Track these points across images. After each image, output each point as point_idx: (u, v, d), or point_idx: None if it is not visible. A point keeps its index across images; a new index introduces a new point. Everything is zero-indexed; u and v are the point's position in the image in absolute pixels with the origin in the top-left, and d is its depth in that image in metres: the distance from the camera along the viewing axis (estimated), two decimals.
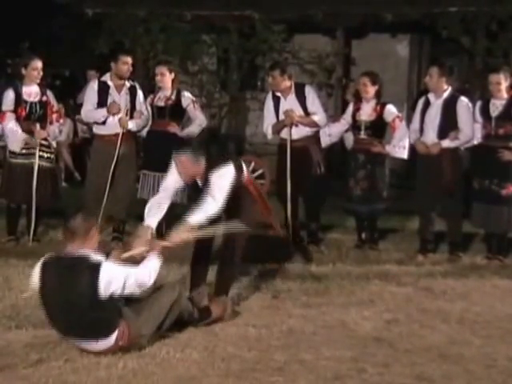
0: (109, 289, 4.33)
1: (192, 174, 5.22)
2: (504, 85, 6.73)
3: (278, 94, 7.33)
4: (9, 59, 11.30)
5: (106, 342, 4.39)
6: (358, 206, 7.25)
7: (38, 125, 7.05)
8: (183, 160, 5.13)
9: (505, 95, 6.75)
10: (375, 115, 7.16)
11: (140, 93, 7.43)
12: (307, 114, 7.24)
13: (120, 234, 7.30)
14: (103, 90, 7.31)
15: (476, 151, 7.00)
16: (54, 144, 7.25)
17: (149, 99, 7.49)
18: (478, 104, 6.99)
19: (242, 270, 6.30)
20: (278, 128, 7.32)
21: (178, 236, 4.89)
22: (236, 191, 5.17)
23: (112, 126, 7.22)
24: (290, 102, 7.27)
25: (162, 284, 4.80)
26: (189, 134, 7.46)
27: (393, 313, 5.35)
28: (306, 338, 4.80)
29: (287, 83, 7.28)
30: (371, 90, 7.16)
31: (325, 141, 7.38)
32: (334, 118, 9.31)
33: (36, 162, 7.02)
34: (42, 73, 7.09)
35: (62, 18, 12.95)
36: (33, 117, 7.07)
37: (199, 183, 5.28)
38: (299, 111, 7.23)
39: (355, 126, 7.25)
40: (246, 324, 5.00)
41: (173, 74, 7.44)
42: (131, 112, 7.28)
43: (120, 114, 7.17)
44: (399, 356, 4.52)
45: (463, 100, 6.89)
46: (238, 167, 5.27)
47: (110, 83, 7.33)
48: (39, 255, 4.81)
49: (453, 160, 6.85)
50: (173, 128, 7.35)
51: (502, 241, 6.99)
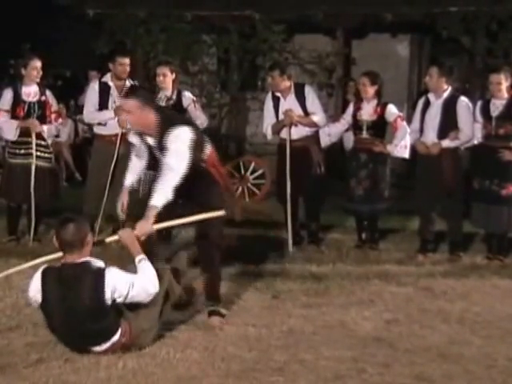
0: (114, 293, 4.32)
1: (142, 125, 4.86)
2: (504, 85, 6.73)
3: (278, 94, 7.34)
4: (11, 60, 11.30)
5: (111, 341, 4.40)
6: (359, 206, 7.25)
7: (31, 119, 7.07)
8: (130, 105, 4.79)
9: (505, 95, 6.75)
10: (376, 115, 7.17)
11: None
12: (307, 114, 7.24)
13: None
14: (104, 90, 7.33)
15: (476, 151, 7.01)
16: (49, 142, 7.24)
17: None
18: (479, 104, 6.99)
19: (242, 270, 6.34)
20: (277, 128, 7.32)
21: (146, 226, 4.61)
22: (196, 168, 4.82)
23: (112, 126, 7.25)
24: (289, 102, 7.28)
25: None
26: None
27: (393, 313, 5.35)
28: (305, 338, 4.80)
29: (287, 83, 7.29)
30: (370, 90, 7.17)
31: (324, 141, 7.39)
32: (334, 117, 9.33)
33: (34, 161, 7.04)
34: (41, 72, 7.10)
35: (63, 19, 12.95)
36: (31, 116, 7.08)
37: (153, 145, 4.91)
38: (299, 111, 7.23)
39: (356, 126, 7.26)
40: (245, 324, 5.00)
41: (174, 75, 7.45)
42: None
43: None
44: (399, 356, 4.52)
45: (463, 100, 6.89)
46: (197, 134, 4.90)
47: (110, 84, 7.36)
48: (40, 255, 4.81)
49: (453, 160, 6.85)
50: None
51: (502, 241, 6.99)
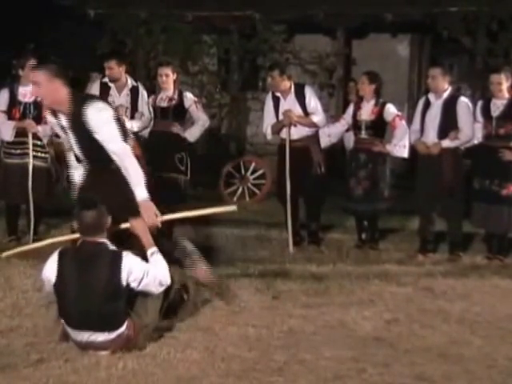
0: (129, 276, 4.40)
1: (52, 100, 4.71)
2: (505, 85, 6.73)
3: (278, 94, 7.35)
4: (14, 60, 11.30)
5: (117, 332, 4.43)
6: (358, 206, 7.25)
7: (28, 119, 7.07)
8: (38, 76, 4.62)
9: (506, 95, 6.75)
10: (375, 115, 7.17)
11: (143, 94, 7.43)
12: (307, 114, 7.25)
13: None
14: (104, 91, 7.34)
15: (477, 151, 7.01)
16: (45, 141, 7.23)
17: (150, 100, 7.50)
18: (479, 104, 6.99)
19: (242, 271, 6.34)
20: (277, 128, 7.33)
21: (152, 216, 4.70)
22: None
23: None
24: (289, 103, 7.29)
25: None
26: (192, 135, 7.46)
27: (393, 313, 5.34)
28: (305, 338, 4.80)
29: (286, 83, 7.30)
30: (368, 88, 7.17)
31: (324, 141, 7.40)
32: (335, 118, 9.33)
33: (31, 161, 7.04)
34: None
35: (64, 19, 12.94)
36: (27, 117, 7.07)
37: (66, 125, 4.77)
38: (299, 111, 7.24)
39: (356, 126, 7.27)
40: (246, 324, 5.00)
41: (175, 75, 7.46)
42: (132, 112, 7.29)
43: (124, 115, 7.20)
44: (399, 356, 4.52)
45: (463, 100, 6.89)
46: (116, 115, 4.79)
47: (110, 84, 7.37)
48: (40, 255, 4.82)
49: (453, 160, 6.85)
50: (176, 128, 7.36)
51: (503, 241, 6.99)
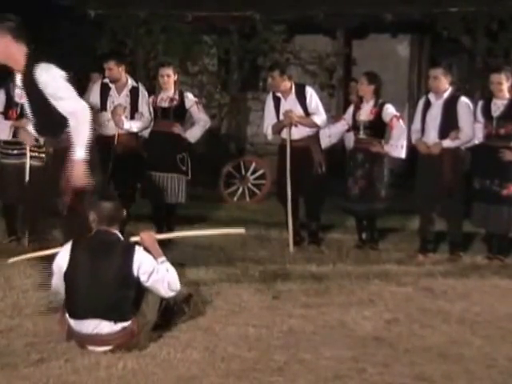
0: (139, 269, 4.46)
1: (3, 56, 4.71)
2: (505, 85, 6.72)
3: (279, 94, 7.35)
4: None
5: (123, 324, 4.45)
6: (355, 206, 7.25)
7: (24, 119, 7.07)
8: None
9: (507, 95, 6.74)
10: (374, 115, 7.17)
11: (143, 94, 7.42)
12: (307, 114, 7.26)
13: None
14: (104, 91, 7.34)
15: (477, 151, 7.01)
16: (42, 141, 7.23)
17: (150, 100, 7.49)
18: (480, 104, 6.99)
19: (242, 271, 6.34)
20: (277, 128, 7.33)
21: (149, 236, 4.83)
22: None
23: (110, 127, 7.24)
24: (290, 103, 7.29)
25: None
26: (193, 136, 7.46)
27: (393, 313, 5.34)
28: (305, 338, 4.80)
29: (287, 84, 7.30)
30: (367, 88, 7.17)
31: (325, 142, 7.40)
32: (335, 118, 9.34)
33: (28, 161, 7.04)
34: None
35: (64, 20, 12.93)
36: (24, 117, 7.06)
37: (21, 86, 4.76)
38: (299, 112, 7.24)
39: (355, 126, 7.27)
40: (246, 324, 5.00)
41: (176, 75, 7.47)
42: (132, 113, 7.29)
43: (123, 115, 7.19)
44: (399, 356, 4.52)
45: (464, 100, 6.89)
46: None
47: (111, 85, 7.37)
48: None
49: (453, 160, 6.85)
50: (177, 129, 7.36)
51: (503, 241, 6.98)
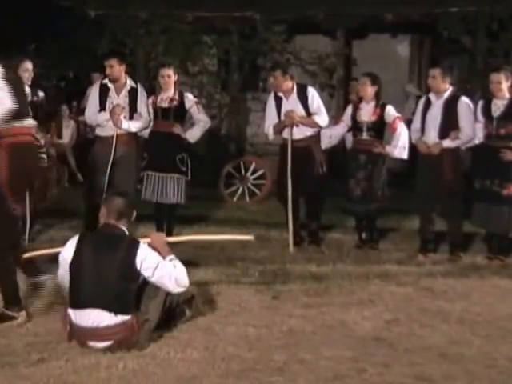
0: (142, 264, 4.52)
1: None
2: (505, 84, 6.72)
3: (280, 94, 7.35)
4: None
5: (123, 318, 4.47)
6: (356, 206, 7.25)
7: None
8: None
9: (507, 95, 6.74)
10: (376, 116, 7.18)
11: (142, 95, 7.41)
12: (309, 114, 7.26)
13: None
14: (103, 92, 7.33)
15: (477, 151, 7.01)
16: (42, 142, 7.22)
17: (150, 101, 7.49)
18: (480, 104, 6.98)
19: (242, 271, 6.35)
20: (278, 128, 7.34)
21: (160, 238, 4.90)
22: None
23: (110, 127, 7.23)
24: (291, 103, 7.30)
25: None
26: (192, 136, 7.46)
27: (393, 313, 5.34)
28: (306, 338, 4.79)
29: (289, 84, 7.30)
30: (370, 89, 7.17)
31: (325, 143, 7.40)
32: (336, 118, 9.34)
33: None
34: (32, 74, 7.10)
35: (65, 20, 12.95)
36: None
37: None
38: (301, 112, 7.24)
39: (356, 127, 7.26)
40: (246, 324, 5.00)
41: (176, 76, 7.47)
42: (131, 113, 7.29)
43: (122, 115, 7.19)
44: (399, 356, 4.51)
45: (464, 100, 6.88)
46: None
47: (110, 85, 7.35)
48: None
49: (453, 160, 6.85)
50: (177, 129, 7.36)
51: (503, 241, 6.98)
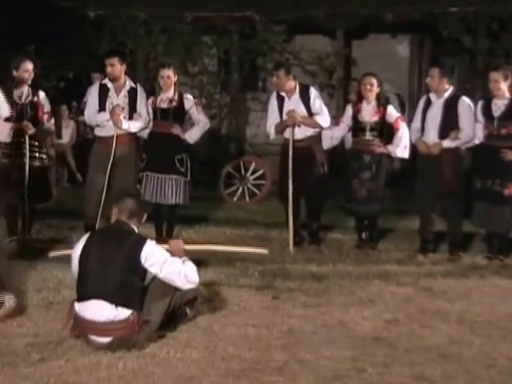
0: (147, 260, 4.58)
1: None
2: (504, 83, 6.71)
3: (283, 94, 7.35)
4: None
5: (124, 313, 4.49)
6: (362, 207, 7.24)
7: (25, 121, 7.06)
8: None
9: (507, 95, 6.73)
10: (378, 116, 7.18)
11: (142, 95, 7.41)
12: (311, 114, 7.26)
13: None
14: (103, 92, 7.33)
15: (478, 151, 7.00)
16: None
17: (150, 101, 7.49)
18: (480, 104, 6.97)
19: (242, 271, 6.34)
20: (280, 128, 7.34)
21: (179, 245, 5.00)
22: None
23: (110, 127, 7.23)
24: (293, 103, 7.30)
25: None
26: (192, 137, 7.46)
27: (393, 313, 5.34)
28: (305, 338, 4.79)
29: (292, 83, 7.31)
30: (376, 90, 7.17)
31: (326, 143, 7.41)
32: (336, 118, 9.34)
33: (27, 161, 7.02)
34: (33, 74, 7.10)
35: (65, 20, 12.96)
36: (24, 118, 7.06)
37: None
38: (303, 112, 7.25)
39: (358, 127, 7.25)
40: (246, 324, 5.00)
41: (175, 77, 7.47)
42: (130, 113, 7.29)
43: (122, 115, 7.20)
44: (399, 356, 4.51)
45: (464, 100, 6.89)
46: None
47: (109, 85, 7.35)
48: (41, 254, 4.83)
49: (453, 160, 6.85)
50: (176, 130, 7.36)
51: (503, 240, 6.98)
